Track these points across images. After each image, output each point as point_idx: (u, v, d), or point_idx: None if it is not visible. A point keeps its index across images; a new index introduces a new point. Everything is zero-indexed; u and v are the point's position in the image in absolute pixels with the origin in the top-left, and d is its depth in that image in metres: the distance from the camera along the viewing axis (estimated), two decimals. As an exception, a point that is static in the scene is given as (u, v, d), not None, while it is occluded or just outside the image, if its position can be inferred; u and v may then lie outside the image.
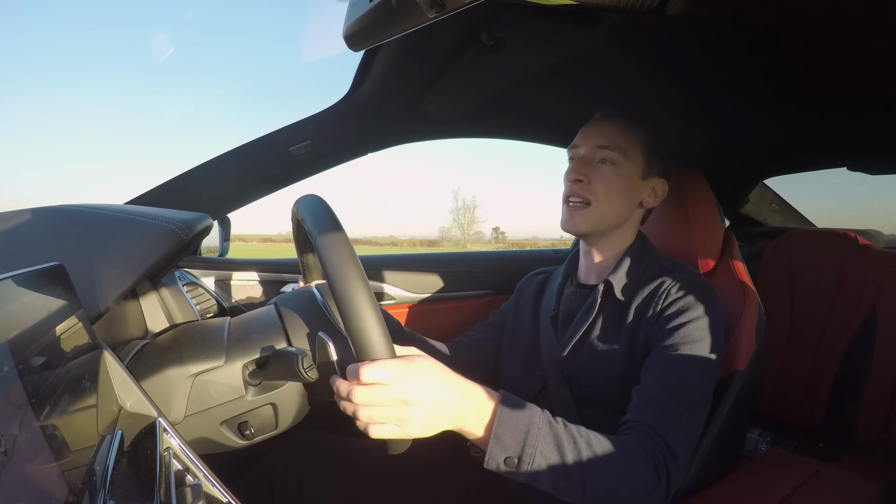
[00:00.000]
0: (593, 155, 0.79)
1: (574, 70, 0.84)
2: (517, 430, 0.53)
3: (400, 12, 0.49)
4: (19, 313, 0.34)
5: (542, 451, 0.53)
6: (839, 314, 1.28)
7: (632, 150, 0.78)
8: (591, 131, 0.80)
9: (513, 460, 0.52)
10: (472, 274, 1.29)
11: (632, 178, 0.78)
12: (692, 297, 0.71)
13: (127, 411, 0.48)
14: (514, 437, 0.52)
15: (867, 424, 1.21)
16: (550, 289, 0.90)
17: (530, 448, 0.52)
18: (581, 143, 0.80)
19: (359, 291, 0.49)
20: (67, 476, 0.32)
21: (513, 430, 0.52)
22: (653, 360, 0.68)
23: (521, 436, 0.52)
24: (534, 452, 0.52)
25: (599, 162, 0.78)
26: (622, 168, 0.77)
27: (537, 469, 0.53)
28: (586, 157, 0.79)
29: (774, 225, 1.69)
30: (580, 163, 0.79)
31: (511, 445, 0.52)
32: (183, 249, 0.68)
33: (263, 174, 1.04)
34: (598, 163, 0.78)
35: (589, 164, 0.78)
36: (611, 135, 0.78)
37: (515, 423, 0.53)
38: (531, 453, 0.52)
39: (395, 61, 0.81)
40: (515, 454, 0.52)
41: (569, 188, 0.79)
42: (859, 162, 1.37)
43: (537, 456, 0.52)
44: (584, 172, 0.78)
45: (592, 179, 0.77)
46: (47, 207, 0.60)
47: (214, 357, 0.60)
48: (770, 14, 0.60)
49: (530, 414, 0.54)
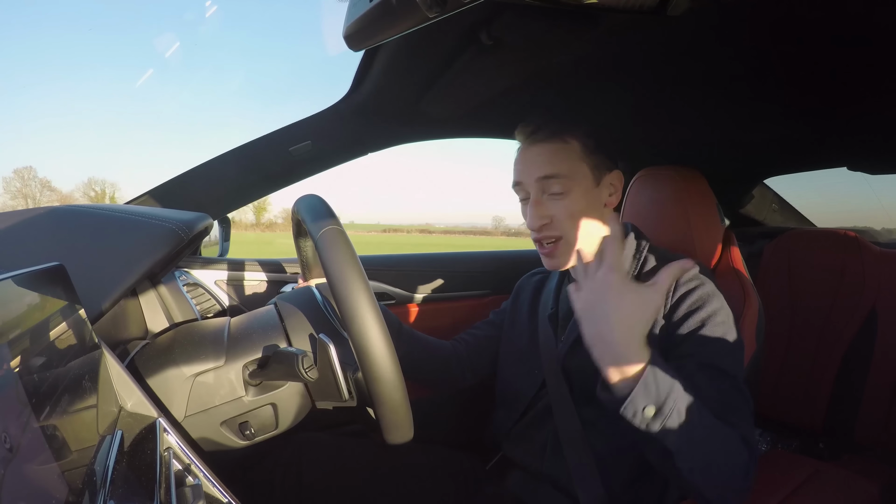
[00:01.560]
0: (541, 190, 0.76)
1: (574, 70, 0.84)
2: (664, 382, 0.56)
3: (400, 12, 0.48)
4: (19, 313, 0.34)
5: (679, 409, 0.56)
6: (839, 314, 1.28)
7: (574, 166, 0.75)
8: (527, 162, 0.77)
9: (651, 409, 0.56)
10: (472, 274, 1.29)
11: (587, 193, 0.76)
12: (702, 289, 0.71)
13: (127, 411, 0.48)
14: (659, 389, 0.56)
15: (867, 424, 1.21)
16: (548, 288, 0.90)
17: (671, 402, 0.56)
18: (524, 179, 0.78)
19: (359, 293, 0.50)
20: (67, 476, 0.32)
21: (661, 381, 0.56)
22: (693, 366, 0.67)
23: (665, 388, 0.56)
24: (673, 406, 0.55)
25: (550, 196, 0.76)
26: (574, 191, 0.75)
27: (670, 425, 0.56)
28: (537, 198, 0.76)
29: (774, 225, 1.69)
30: (535, 207, 0.76)
31: (655, 395, 0.56)
32: (183, 249, 0.68)
33: (263, 174, 1.04)
34: (549, 196, 0.76)
35: (542, 203, 0.76)
36: (548, 160, 0.75)
37: (664, 376, 0.57)
38: (671, 406, 0.55)
39: (395, 61, 0.81)
40: (657, 404, 0.56)
41: (535, 234, 0.78)
42: (859, 162, 1.36)
43: (674, 413, 0.55)
44: (543, 214, 0.76)
45: (553, 217, 0.76)
46: (47, 207, 0.60)
47: (214, 357, 0.60)
48: (771, 14, 0.60)
49: (674, 374, 0.58)
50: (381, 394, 0.51)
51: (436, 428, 1.04)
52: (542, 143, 0.77)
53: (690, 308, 0.70)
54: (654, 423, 0.56)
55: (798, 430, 1.33)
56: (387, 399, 0.51)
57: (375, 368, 0.50)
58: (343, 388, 0.58)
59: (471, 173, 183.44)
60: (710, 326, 0.68)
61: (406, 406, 0.53)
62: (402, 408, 0.53)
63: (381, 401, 0.52)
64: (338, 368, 0.58)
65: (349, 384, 0.59)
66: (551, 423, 0.80)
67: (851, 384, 1.24)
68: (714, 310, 0.70)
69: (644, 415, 0.56)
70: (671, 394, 0.56)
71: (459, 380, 0.94)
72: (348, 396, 0.59)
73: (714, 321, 0.69)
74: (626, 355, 0.57)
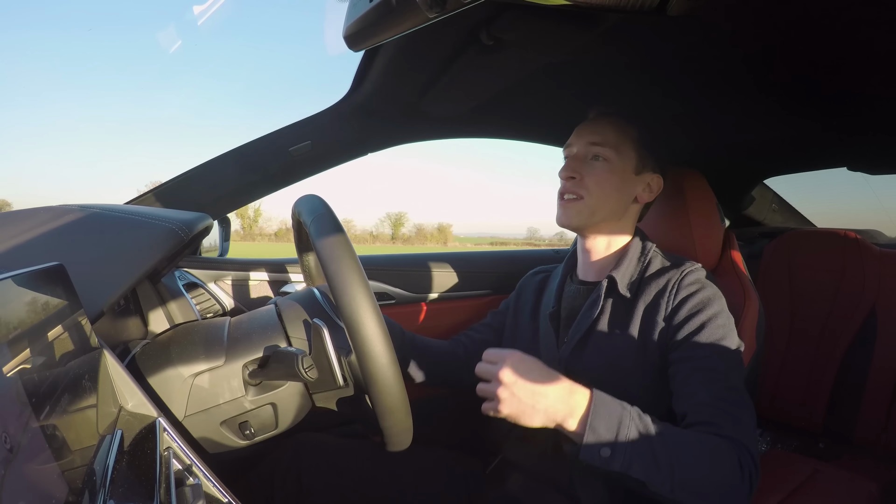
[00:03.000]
0: (586, 152, 0.80)
1: (574, 70, 0.84)
2: (610, 421, 0.57)
3: (400, 12, 0.49)
4: (19, 313, 0.34)
5: (634, 441, 0.57)
6: (839, 314, 1.28)
7: (623, 146, 0.79)
8: (584, 130, 0.82)
9: (607, 450, 0.56)
10: (472, 274, 1.29)
11: (624, 173, 0.80)
12: (704, 293, 0.72)
13: (127, 411, 0.48)
14: (608, 429, 0.57)
15: (867, 424, 1.21)
16: (550, 287, 0.90)
17: (623, 438, 0.56)
18: (574, 142, 0.82)
19: (359, 295, 0.50)
20: (67, 476, 0.32)
21: (606, 421, 0.57)
22: (689, 369, 0.67)
23: (614, 427, 0.57)
24: (627, 443, 0.56)
25: (592, 159, 0.80)
26: (614, 164, 0.79)
27: (630, 459, 0.56)
28: (579, 154, 0.81)
29: (774, 225, 1.69)
30: (573, 160, 0.81)
31: (605, 436, 0.56)
32: (183, 249, 0.68)
33: (263, 174, 1.04)
34: (590, 160, 0.80)
35: (581, 162, 0.80)
36: (602, 132, 0.80)
37: (609, 415, 0.57)
38: (624, 443, 0.56)
39: (395, 61, 0.81)
40: (609, 445, 0.56)
41: (563, 185, 0.81)
42: (859, 162, 1.36)
43: (629, 446, 0.56)
44: (577, 169, 0.79)
45: (585, 176, 0.79)
46: (47, 207, 0.60)
47: (214, 357, 0.61)
48: (771, 14, 0.60)
49: (621, 407, 0.59)
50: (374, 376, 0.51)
51: (436, 430, 1.04)
52: (607, 117, 0.82)
53: (691, 311, 0.71)
54: (613, 463, 0.56)
55: (798, 430, 1.33)
56: (383, 389, 0.51)
57: (367, 346, 0.50)
58: (337, 373, 0.59)
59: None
60: (710, 330, 0.69)
61: (405, 404, 0.53)
62: (399, 401, 0.53)
63: (380, 404, 0.52)
64: (331, 352, 0.58)
65: (343, 368, 0.60)
66: None
67: (851, 384, 1.24)
68: (714, 313, 0.70)
69: (602, 456, 0.57)
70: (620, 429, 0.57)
71: (457, 383, 0.94)
72: (343, 383, 0.59)
73: (713, 324, 0.69)
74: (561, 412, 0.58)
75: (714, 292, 0.73)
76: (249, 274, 1.09)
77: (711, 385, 0.65)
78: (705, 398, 0.64)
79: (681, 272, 0.75)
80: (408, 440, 0.57)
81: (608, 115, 0.83)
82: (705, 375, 0.66)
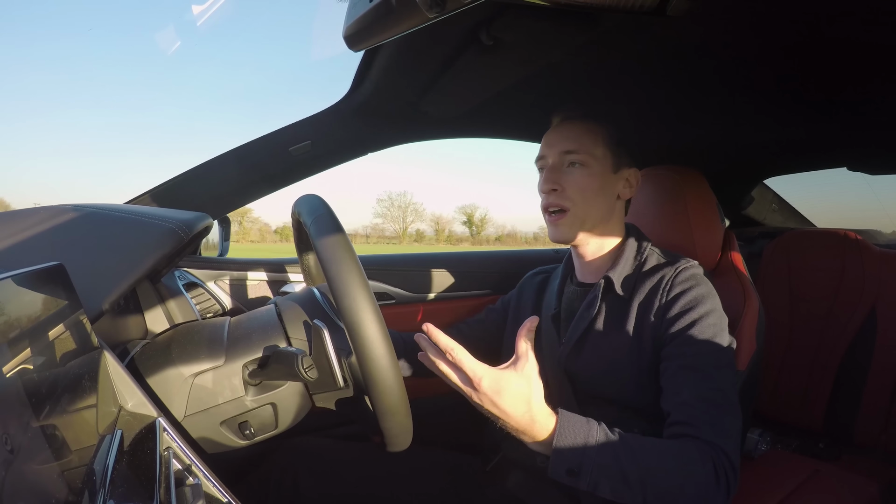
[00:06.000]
0: (561, 161, 0.79)
1: (574, 70, 0.84)
2: (576, 441, 0.58)
3: (400, 12, 0.49)
4: (19, 313, 0.34)
5: (600, 462, 0.57)
6: (839, 314, 1.28)
7: (597, 148, 0.78)
8: (554, 138, 0.80)
9: (573, 471, 0.57)
10: (472, 274, 1.29)
11: (604, 175, 0.78)
12: (697, 290, 0.71)
13: (127, 411, 0.48)
14: (573, 450, 0.57)
15: (867, 424, 1.21)
16: (551, 288, 0.90)
17: (589, 460, 0.57)
18: (547, 153, 0.80)
19: (360, 297, 0.50)
20: (67, 476, 0.32)
21: (572, 442, 0.57)
22: (676, 367, 0.67)
23: (579, 449, 0.57)
24: (592, 464, 0.57)
25: (569, 167, 0.78)
26: (592, 167, 0.77)
27: (596, 479, 0.57)
28: (555, 165, 0.79)
29: (774, 225, 1.69)
30: (550, 172, 0.79)
31: (571, 458, 0.57)
32: (183, 249, 0.68)
33: (263, 174, 1.04)
34: (567, 168, 0.78)
35: (559, 171, 0.78)
36: (574, 138, 0.78)
37: (574, 436, 0.58)
38: (590, 465, 0.57)
39: (395, 61, 0.81)
40: (576, 466, 0.57)
41: (544, 199, 0.80)
42: (859, 162, 1.36)
43: (595, 467, 0.57)
44: (556, 180, 0.78)
45: (566, 186, 0.77)
46: (47, 207, 0.60)
47: (214, 357, 0.61)
48: (771, 14, 0.60)
49: (587, 429, 0.59)
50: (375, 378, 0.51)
51: (436, 430, 1.04)
52: (572, 121, 0.80)
53: (683, 308, 0.70)
54: (580, 483, 0.57)
55: (798, 430, 1.33)
56: (384, 390, 0.51)
57: (368, 348, 0.50)
58: (337, 374, 0.59)
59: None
60: (700, 328, 0.68)
61: (405, 405, 0.53)
62: (399, 402, 0.53)
63: (381, 405, 0.52)
64: (332, 353, 0.58)
65: (343, 369, 0.60)
66: None
67: (851, 384, 1.24)
68: (706, 311, 0.69)
69: (569, 476, 0.57)
70: (585, 451, 0.57)
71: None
72: (343, 384, 0.59)
73: (704, 323, 0.69)
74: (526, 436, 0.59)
75: (708, 290, 0.72)
76: (249, 274, 1.09)
77: (696, 385, 0.64)
78: (688, 398, 0.64)
79: (675, 269, 0.75)
80: (408, 440, 0.57)
81: (573, 118, 0.81)
82: (691, 375, 0.65)
